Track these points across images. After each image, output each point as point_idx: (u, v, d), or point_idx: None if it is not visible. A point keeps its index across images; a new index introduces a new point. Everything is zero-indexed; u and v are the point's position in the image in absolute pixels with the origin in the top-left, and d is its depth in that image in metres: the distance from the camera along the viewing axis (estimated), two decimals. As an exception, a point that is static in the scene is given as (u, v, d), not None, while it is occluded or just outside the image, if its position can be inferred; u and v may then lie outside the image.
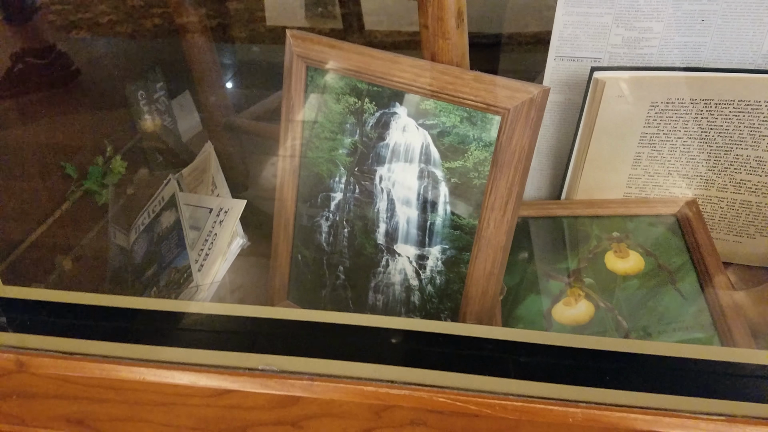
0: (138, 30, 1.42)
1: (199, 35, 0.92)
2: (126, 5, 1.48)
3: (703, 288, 0.70)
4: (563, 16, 0.72)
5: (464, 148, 0.58)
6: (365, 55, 0.60)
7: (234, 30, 1.67)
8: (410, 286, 0.65)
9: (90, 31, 1.49)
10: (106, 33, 1.49)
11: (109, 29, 1.50)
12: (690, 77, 0.72)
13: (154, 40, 1.32)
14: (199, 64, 0.93)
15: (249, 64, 1.46)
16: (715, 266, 0.71)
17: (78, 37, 1.44)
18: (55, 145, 0.90)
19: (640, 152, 0.76)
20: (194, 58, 0.93)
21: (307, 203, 0.70)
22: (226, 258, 0.67)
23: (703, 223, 0.75)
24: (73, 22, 1.50)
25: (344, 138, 0.66)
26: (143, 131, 0.98)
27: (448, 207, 0.61)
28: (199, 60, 0.93)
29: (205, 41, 0.93)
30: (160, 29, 1.31)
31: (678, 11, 0.71)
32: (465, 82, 0.55)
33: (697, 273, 0.72)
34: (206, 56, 0.93)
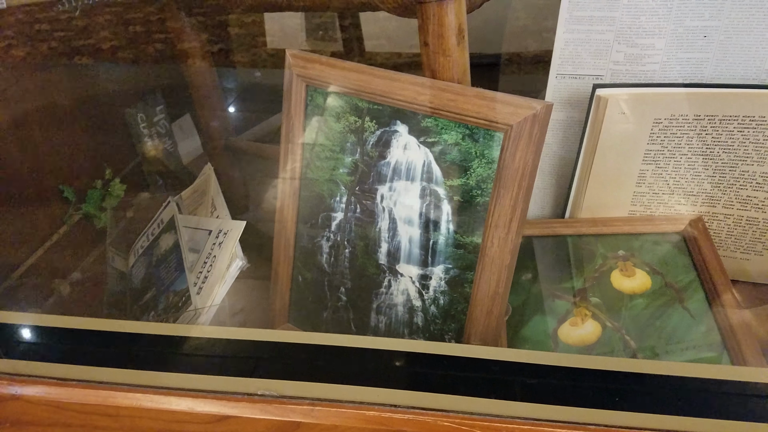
0: (140, 55, 1.43)
1: (199, 60, 0.92)
2: (128, 31, 1.49)
3: (712, 306, 0.69)
4: (564, 34, 0.72)
5: (466, 165, 0.57)
6: (365, 73, 0.60)
7: (236, 55, 1.68)
8: (413, 307, 0.64)
9: (92, 57, 1.50)
10: (108, 59, 1.50)
11: (111, 55, 1.51)
12: (693, 93, 0.71)
13: (155, 65, 1.33)
14: (199, 88, 0.93)
15: (250, 87, 1.46)
16: (723, 284, 0.69)
17: (80, 63, 1.45)
18: (54, 169, 0.89)
19: (645, 169, 0.75)
20: (194, 82, 0.93)
21: (307, 224, 0.69)
22: (225, 280, 0.66)
23: (709, 241, 0.74)
24: (75, 48, 1.51)
25: (345, 157, 0.65)
26: (143, 154, 0.97)
27: (450, 226, 0.60)
28: (200, 83, 0.93)
29: (205, 65, 0.93)
30: (162, 54, 1.32)
31: (680, 27, 0.71)
32: (466, 98, 0.54)
33: (705, 291, 0.70)
34: (206, 80, 0.93)
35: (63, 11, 0.67)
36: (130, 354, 0.55)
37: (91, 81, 1.13)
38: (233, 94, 1.41)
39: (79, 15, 1.35)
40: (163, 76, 1.23)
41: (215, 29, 1.69)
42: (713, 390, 0.49)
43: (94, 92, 1.06)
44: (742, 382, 0.50)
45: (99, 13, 1.58)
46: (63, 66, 1.26)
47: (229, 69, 1.57)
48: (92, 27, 1.62)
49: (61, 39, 1.50)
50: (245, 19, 1.65)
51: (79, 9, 0.66)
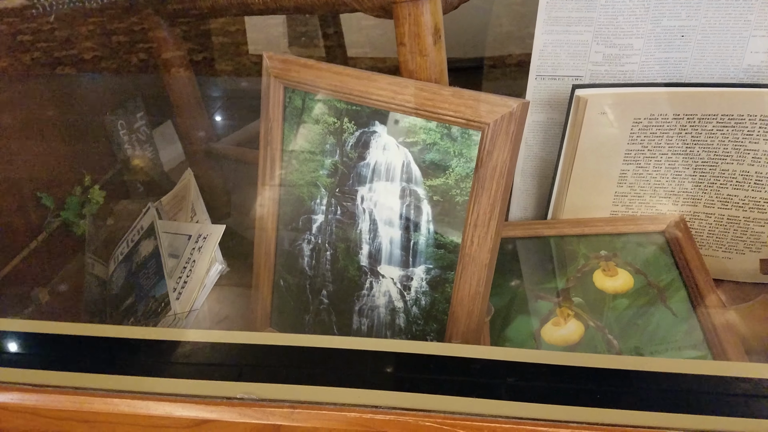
0: (123, 65, 1.43)
1: (181, 68, 0.92)
2: (111, 41, 1.49)
3: (694, 305, 0.69)
4: (542, 35, 0.72)
5: (445, 165, 0.57)
6: (343, 74, 0.60)
7: (220, 63, 1.68)
8: (395, 308, 0.64)
9: (75, 67, 1.49)
10: (91, 69, 1.49)
11: (94, 65, 1.50)
12: (672, 93, 0.72)
13: (137, 74, 1.32)
14: (181, 95, 0.92)
15: (234, 94, 1.46)
16: (705, 283, 0.69)
17: (62, 73, 1.44)
18: (33, 178, 0.88)
19: (625, 170, 0.76)
20: (176, 89, 0.92)
21: (288, 227, 0.69)
22: (204, 285, 0.65)
23: (691, 240, 0.74)
24: (57, 59, 1.50)
25: (324, 159, 0.65)
26: (123, 161, 0.96)
27: (431, 225, 0.59)
28: (181, 91, 0.92)
29: (187, 74, 0.93)
30: (146, 64, 1.32)
31: (657, 27, 0.71)
32: (444, 97, 0.54)
33: (687, 290, 0.70)
34: (188, 87, 0.92)
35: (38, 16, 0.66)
36: (107, 359, 0.55)
37: (71, 90, 1.12)
38: (216, 102, 1.40)
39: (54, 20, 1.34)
40: (145, 84, 1.22)
41: (199, 38, 1.69)
42: (696, 385, 0.49)
43: (75, 101, 1.06)
44: (724, 377, 0.50)
45: (82, 24, 1.57)
46: (44, 76, 1.25)
47: (212, 77, 1.57)
48: (75, 37, 1.61)
49: (44, 49, 1.49)
50: (229, 27, 1.65)
51: (54, 14, 0.65)
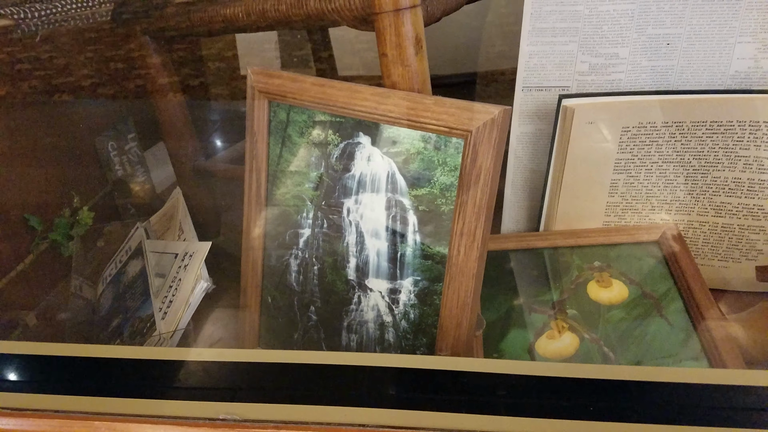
0: (120, 91, 1.43)
1: (175, 92, 0.92)
2: (109, 68, 1.50)
3: (691, 315, 0.67)
4: (528, 46, 0.72)
5: (430, 174, 0.56)
6: (326, 86, 0.60)
7: (216, 87, 1.69)
8: (384, 322, 0.62)
9: (72, 94, 1.50)
10: (88, 95, 1.50)
11: (92, 92, 1.51)
12: (660, 100, 0.71)
13: (133, 99, 1.33)
14: (173, 118, 0.93)
15: (228, 116, 1.46)
16: (701, 292, 0.68)
17: (59, 100, 1.45)
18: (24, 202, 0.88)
19: (616, 179, 0.75)
20: (165, 110, 0.92)
21: (275, 242, 0.68)
22: (189, 303, 0.64)
23: (685, 249, 0.73)
24: (55, 86, 1.51)
25: (310, 171, 0.64)
26: (114, 183, 0.96)
27: (417, 236, 0.58)
28: (170, 112, 0.92)
29: (181, 98, 0.93)
30: (142, 89, 1.32)
31: (642, 36, 0.71)
32: (426, 106, 0.54)
33: (683, 299, 0.69)
34: (177, 109, 0.92)
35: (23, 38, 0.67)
36: (86, 381, 0.53)
37: (66, 115, 1.12)
38: (210, 124, 1.41)
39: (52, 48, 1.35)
40: (140, 108, 1.23)
41: (195, 63, 1.70)
42: (697, 395, 0.47)
43: (69, 125, 1.06)
44: (724, 386, 0.48)
45: (80, 51, 1.59)
46: (41, 103, 1.25)
47: (207, 100, 1.58)
48: (73, 65, 1.63)
49: (42, 77, 1.50)
50: (225, 53, 1.67)
51: (40, 35, 0.65)
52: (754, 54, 0.72)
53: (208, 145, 1.15)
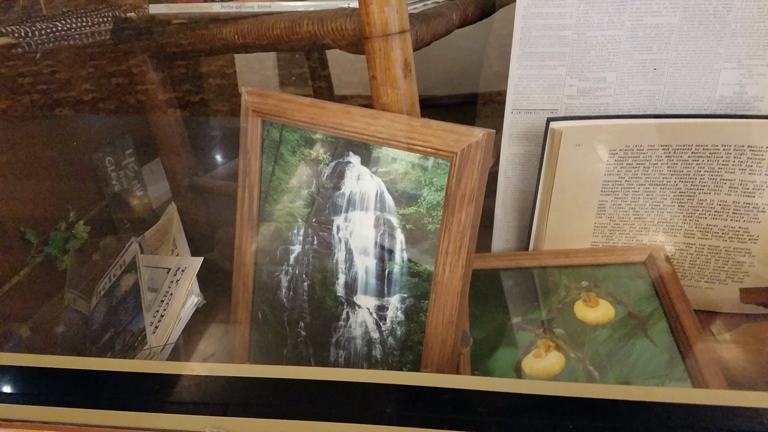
0: (120, 106, 1.45)
1: (176, 110, 0.94)
2: (110, 83, 1.52)
3: (675, 335, 0.68)
4: (517, 70, 0.73)
5: (417, 193, 0.57)
6: (317, 107, 0.61)
7: (216, 103, 1.72)
8: (371, 339, 0.63)
9: (73, 109, 1.52)
10: (89, 110, 1.52)
11: (93, 106, 1.53)
12: (646, 124, 0.73)
13: (133, 114, 1.35)
14: (171, 134, 0.94)
15: (226, 133, 1.48)
16: (686, 313, 0.69)
17: (59, 114, 1.47)
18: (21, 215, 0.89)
19: (604, 200, 0.76)
20: (161, 127, 0.94)
21: (266, 258, 0.69)
22: (180, 318, 0.65)
23: (672, 270, 0.74)
24: (57, 101, 1.53)
25: (301, 189, 0.65)
26: (111, 197, 0.97)
27: (405, 254, 0.59)
28: (167, 128, 0.94)
29: (174, 112, 0.94)
30: (143, 104, 1.34)
31: (630, 61, 0.73)
32: (413, 128, 0.55)
33: (668, 320, 0.70)
34: (173, 125, 0.94)
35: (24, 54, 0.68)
36: (76, 393, 0.54)
37: (65, 130, 1.13)
38: (207, 140, 1.42)
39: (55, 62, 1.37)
40: (140, 123, 1.24)
41: (195, 80, 1.73)
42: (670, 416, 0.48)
43: (67, 140, 1.07)
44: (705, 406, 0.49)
45: (82, 66, 1.61)
46: (41, 117, 1.27)
47: (206, 116, 1.60)
48: (75, 80, 1.65)
49: (44, 91, 1.52)
50: (227, 70, 1.69)
51: (40, 52, 0.67)
52: (739, 80, 0.73)
53: (204, 161, 1.16)
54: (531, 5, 0.70)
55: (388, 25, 0.53)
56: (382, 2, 0.52)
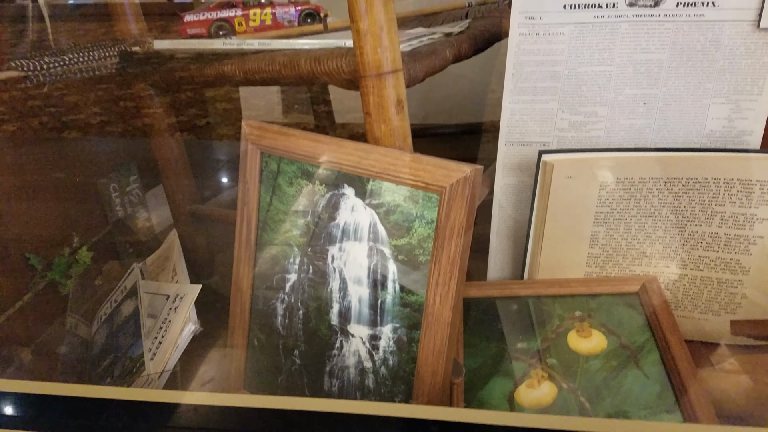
0: (128, 130, 1.48)
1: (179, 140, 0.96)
2: (118, 106, 1.56)
3: (666, 367, 0.69)
4: (510, 104, 0.75)
5: (409, 225, 0.59)
6: (313, 140, 0.63)
7: (222, 128, 1.74)
8: (364, 368, 0.64)
9: (81, 131, 1.55)
10: (96, 133, 1.56)
11: (100, 129, 1.56)
12: (637, 157, 0.74)
13: (140, 138, 1.37)
14: (169, 160, 0.95)
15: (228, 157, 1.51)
16: (677, 344, 0.69)
17: (65, 137, 1.50)
18: (26, 239, 0.91)
19: (596, 231, 0.77)
20: (164, 154, 0.95)
21: (263, 286, 0.70)
22: (177, 345, 0.66)
23: (663, 301, 0.75)
24: (65, 123, 1.56)
25: (297, 219, 0.67)
26: (114, 223, 0.99)
27: (397, 284, 0.61)
28: (169, 155, 0.95)
29: (176, 140, 0.96)
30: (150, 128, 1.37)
31: (620, 96, 0.74)
32: (405, 163, 0.57)
33: (659, 351, 0.70)
34: (176, 153, 0.95)
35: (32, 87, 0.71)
36: (74, 419, 0.55)
37: (71, 153, 1.16)
38: (210, 168, 1.45)
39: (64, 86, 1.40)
40: (145, 148, 1.27)
41: (203, 104, 1.76)
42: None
43: (73, 164, 1.09)
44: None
45: (91, 90, 1.65)
46: (47, 139, 1.30)
47: (209, 141, 1.62)
48: (83, 103, 1.69)
49: (52, 114, 1.55)
50: (233, 94, 1.72)
51: (47, 85, 0.70)
52: (728, 114, 0.75)
53: (207, 187, 1.18)
54: (523, 42, 0.72)
55: (382, 65, 0.55)
56: (376, 44, 0.54)
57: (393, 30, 0.55)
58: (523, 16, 0.70)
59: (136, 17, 0.83)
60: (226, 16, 0.83)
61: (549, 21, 0.70)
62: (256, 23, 0.84)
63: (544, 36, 0.71)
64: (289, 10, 0.85)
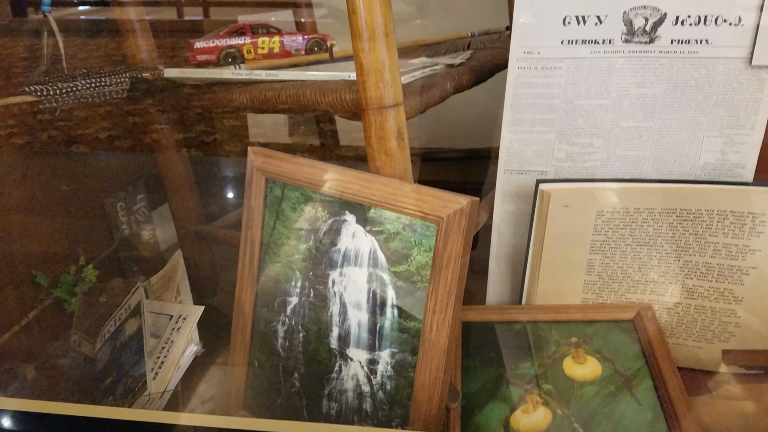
0: (136, 145, 1.51)
1: (178, 154, 0.98)
2: (126, 122, 1.58)
3: (659, 394, 0.70)
4: (508, 134, 0.77)
5: (407, 253, 0.61)
6: (316, 168, 0.65)
7: (230, 144, 1.77)
8: (362, 392, 0.65)
9: (89, 146, 1.58)
10: (105, 148, 1.58)
11: (109, 144, 1.59)
12: (632, 188, 0.76)
13: (148, 154, 1.39)
14: (175, 180, 0.97)
15: (235, 175, 1.53)
16: (669, 372, 0.71)
17: (77, 152, 1.52)
18: (32, 254, 0.93)
19: (593, 259, 0.79)
20: (170, 175, 0.97)
21: (264, 308, 0.72)
22: (179, 366, 0.68)
23: (657, 328, 0.76)
24: (74, 137, 1.59)
25: (299, 244, 0.69)
26: (120, 241, 1.01)
27: (395, 310, 0.62)
28: (175, 176, 0.97)
29: (183, 160, 0.98)
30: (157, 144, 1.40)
31: (616, 128, 0.76)
32: (404, 193, 0.59)
33: (653, 379, 0.72)
34: (182, 173, 0.97)
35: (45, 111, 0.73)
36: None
37: (80, 170, 1.18)
38: (219, 182, 1.47)
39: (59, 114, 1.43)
40: (153, 164, 1.29)
41: (210, 120, 1.78)
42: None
43: (82, 181, 1.11)
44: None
45: (100, 104, 1.67)
46: (55, 154, 1.32)
47: (216, 158, 1.64)
48: (92, 117, 1.71)
49: (62, 128, 1.58)
50: (241, 111, 1.75)
51: (60, 109, 0.72)
52: (722, 147, 0.77)
53: (213, 206, 1.20)
54: (521, 75, 0.74)
55: (383, 99, 0.57)
56: (378, 79, 0.57)
57: (394, 66, 0.58)
58: (522, 51, 0.73)
59: (145, 36, 0.85)
60: (235, 43, 0.86)
61: (547, 55, 0.73)
62: (265, 51, 0.87)
63: (542, 70, 0.73)
64: (297, 38, 0.88)
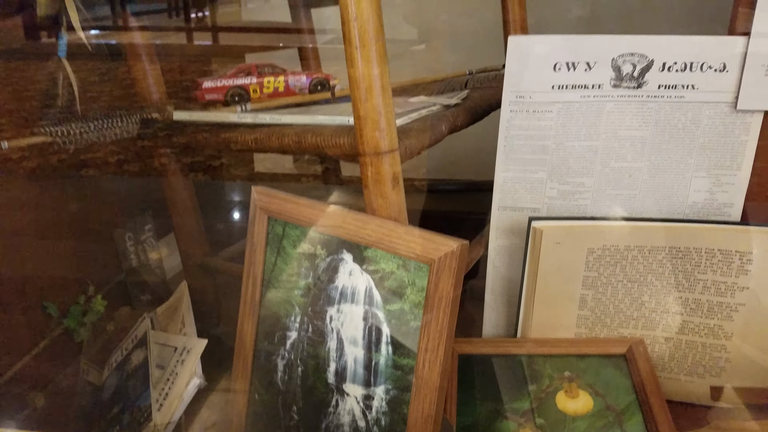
0: (145, 169, 1.54)
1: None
2: (135, 146, 1.62)
3: (648, 430, 0.71)
4: (502, 173, 0.80)
5: (402, 292, 0.63)
6: (316, 208, 0.68)
7: (237, 169, 1.80)
8: (358, 427, 0.68)
9: (98, 170, 1.61)
10: (114, 171, 1.61)
11: (118, 168, 1.62)
12: (622, 226, 0.78)
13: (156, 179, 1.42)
14: (186, 219, 0.99)
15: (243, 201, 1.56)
16: (659, 407, 0.72)
17: (86, 175, 1.56)
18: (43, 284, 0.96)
19: (585, 294, 0.81)
20: (178, 213, 0.99)
21: (265, 341, 0.75)
22: (183, 399, 0.70)
23: (648, 363, 0.78)
24: (83, 161, 1.63)
25: (299, 280, 0.72)
26: (127, 271, 1.04)
27: (390, 347, 0.65)
28: (188, 214, 0.99)
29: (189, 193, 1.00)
30: (166, 169, 1.43)
31: (606, 168, 0.79)
32: (398, 234, 0.61)
33: (642, 414, 0.73)
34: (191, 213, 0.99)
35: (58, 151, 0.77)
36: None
37: (88, 194, 1.20)
38: (226, 209, 1.50)
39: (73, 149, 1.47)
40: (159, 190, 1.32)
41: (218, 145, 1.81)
42: None
43: (89, 207, 1.14)
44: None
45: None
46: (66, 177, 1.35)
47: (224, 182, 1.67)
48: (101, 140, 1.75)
49: (72, 153, 1.61)
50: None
51: (74, 145, 0.76)
52: (709, 187, 0.79)
53: (218, 235, 1.23)
54: (514, 118, 0.77)
55: (379, 145, 0.61)
56: (374, 127, 0.60)
57: (390, 114, 0.61)
58: (514, 95, 0.76)
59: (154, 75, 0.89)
60: (242, 83, 0.89)
61: (538, 99, 0.76)
62: (270, 90, 0.90)
63: (534, 113, 0.76)
64: (301, 78, 0.92)
